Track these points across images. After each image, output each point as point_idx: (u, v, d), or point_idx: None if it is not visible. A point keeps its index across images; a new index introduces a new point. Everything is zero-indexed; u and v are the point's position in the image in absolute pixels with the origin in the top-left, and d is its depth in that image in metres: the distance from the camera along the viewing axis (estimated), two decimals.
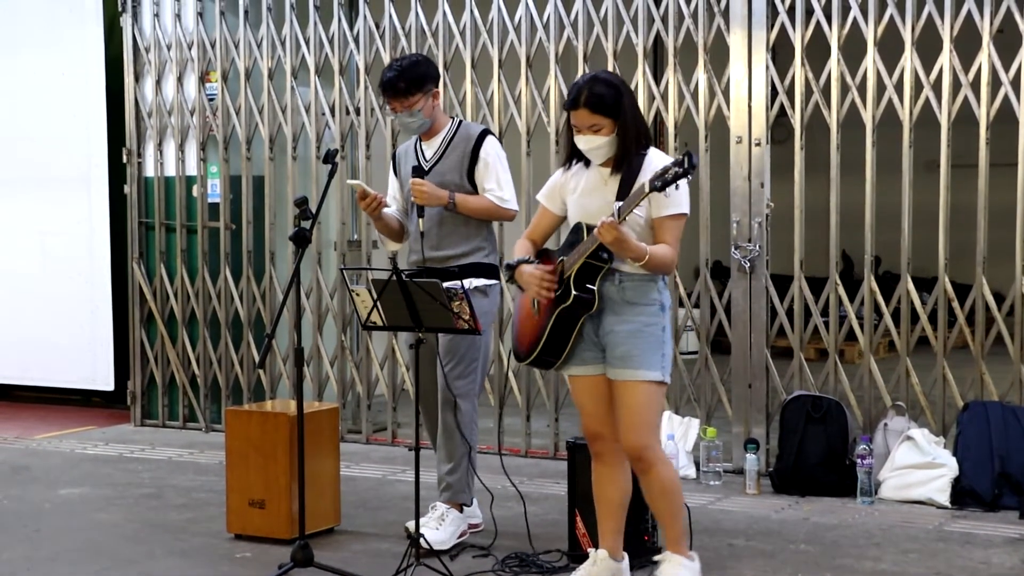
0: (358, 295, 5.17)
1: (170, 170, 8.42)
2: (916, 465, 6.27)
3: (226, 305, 8.24)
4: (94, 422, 8.74)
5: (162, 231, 8.46)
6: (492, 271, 5.66)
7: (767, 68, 6.75)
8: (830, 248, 6.78)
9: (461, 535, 5.58)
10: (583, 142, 4.64)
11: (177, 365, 8.41)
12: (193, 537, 5.82)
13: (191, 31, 8.27)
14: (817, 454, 6.44)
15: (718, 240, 7.08)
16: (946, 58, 6.43)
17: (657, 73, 7.74)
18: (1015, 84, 6.33)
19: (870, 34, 6.58)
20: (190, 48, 8.27)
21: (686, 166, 4.32)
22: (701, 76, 6.91)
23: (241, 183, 8.17)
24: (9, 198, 9.01)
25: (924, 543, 5.58)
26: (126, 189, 8.52)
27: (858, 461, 6.26)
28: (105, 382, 8.77)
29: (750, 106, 6.77)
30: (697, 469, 6.73)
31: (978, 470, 6.16)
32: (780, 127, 6.97)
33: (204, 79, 8.27)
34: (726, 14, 6.82)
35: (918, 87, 6.50)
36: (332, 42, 7.85)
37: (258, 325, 8.17)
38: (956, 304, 6.47)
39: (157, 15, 8.36)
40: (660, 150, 4.75)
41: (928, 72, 6.47)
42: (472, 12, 7.43)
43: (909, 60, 6.50)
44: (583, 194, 4.72)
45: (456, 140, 5.61)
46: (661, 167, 4.39)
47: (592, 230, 4.51)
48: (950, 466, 6.22)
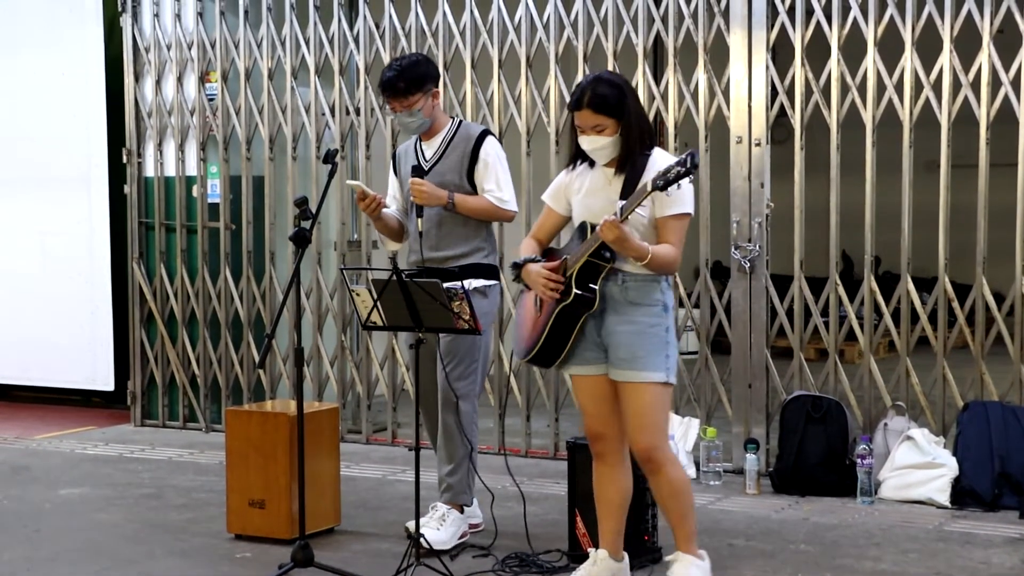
0: (358, 295, 5.16)
1: (170, 170, 8.41)
2: (916, 465, 6.27)
3: (226, 305, 8.23)
4: (94, 422, 8.74)
5: (162, 231, 8.46)
6: (492, 272, 5.64)
7: (767, 68, 6.75)
8: (830, 248, 6.78)
9: (462, 536, 5.58)
10: (587, 143, 4.64)
11: (177, 365, 8.41)
12: (193, 537, 5.82)
13: (191, 31, 8.27)
14: (817, 454, 6.44)
15: (718, 240, 7.09)
16: (946, 58, 6.43)
17: (657, 73, 7.74)
18: (1015, 84, 6.32)
19: (870, 34, 6.57)
20: (190, 48, 8.27)
21: (688, 166, 4.33)
22: (701, 76, 6.91)
23: (241, 183, 8.17)
24: (9, 198, 9.01)
25: (924, 543, 5.58)
26: (126, 189, 8.51)
27: (858, 461, 6.26)
28: (105, 382, 8.76)
29: (750, 106, 6.77)
30: (697, 469, 6.72)
31: (978, 470, 6.16)
32: (780, 127, 6.97)
33: (204, 79, 8.27)
34: (726, 14, 6.82)
35: (918, 87, 6.50)
36: (332, 42, 7.85)
37: (258, 325, 8.16)
38: (956, 304, 6.47)
39: (157, 15, 8.36)
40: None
41: (928, 72, 6.47)
42: (472, 12, 7.42)
43: (909, 60, 6.50)
44: (587, 194, 4.72)
45: (456, 140, 5.60)
46: (664, 167, 4.40)
47: (596, 229, 4.52)
48: (950, 466, 6.22)
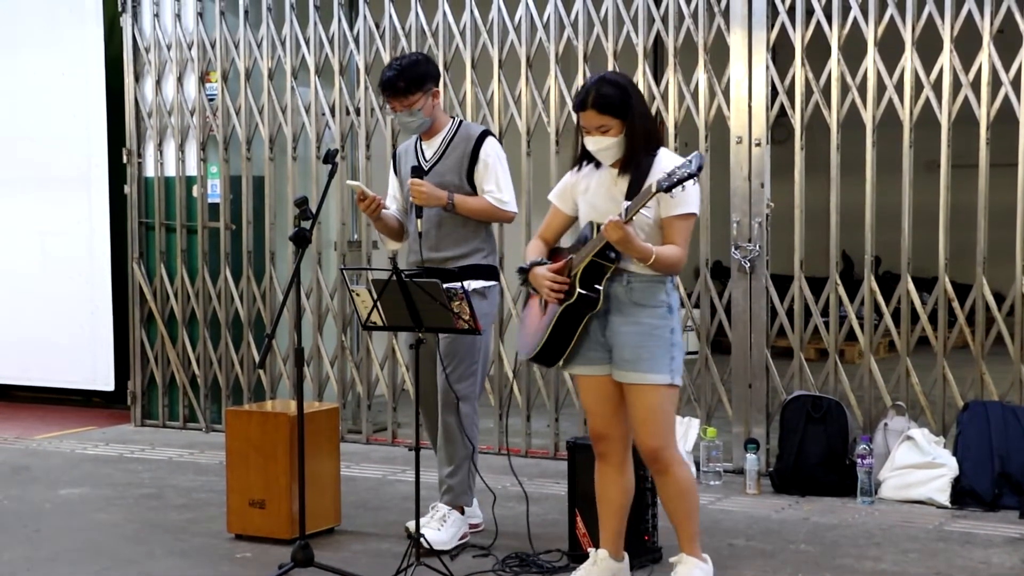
0: (358, 295, 5.16)
1: (170, 170, 8.41)
2: (916, 465, 6.27)
3: (226, 305, 8.23)
4: (94, 422, 8.74)
5: (162, 231, 8.46)
6: (491, 273, 5.62)
7: (767, 68, 6.75)
8: (830, 248, 6.78)
9: (463, 537, 5.57)
10: (591, 143, 4.64)
11: (177, 365, 8.41)
12: (193, 537, 5.82)
13: (191, 31, 8.27)
14: (817, 454, 6.44)
15: (718, 240, 7.09)
16: (946, 58, 6.43)
17: (657, 73, 7.75)
18: (1015, 84, 6.32)
19: (870, 34, 6.57)
20: (190, 48, 8.27)
21: (693, 168, 4.34)
22: (701, 76, 6.91)
23: (241, 183, 8.17)
24: (9, 198, 9.01)
25: (924, 543, 5.58)
26: (126, 189, 8.51)
27: (858, 461, 6.26)
28: (105, 382, 8.76)
29: (750, 106, 6.77)
30: (697, 469, 6.71)
31: (978, 470, 6.16)
32: (780, 127, 6.97)
33: (204, 79, 8.27)
34: (726, 14, 6.81)
35: (918, 87, 6.50)
36: (332, 42, 7.85)
37: (258, 325, 8.16)
38: (956, 304, 6.46)
39: (157, 15, 8.36)
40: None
41: (928, 72, 6.47)
42: (472, 12, 7.42)
43: (909, 60, 6.50)
44: (593, 194, 4.72)
45: (456, 140, 5.59)
46: (669, 168, 4.41)
47: (600, 229, 4.52)
48: (950, 466, 6.21)
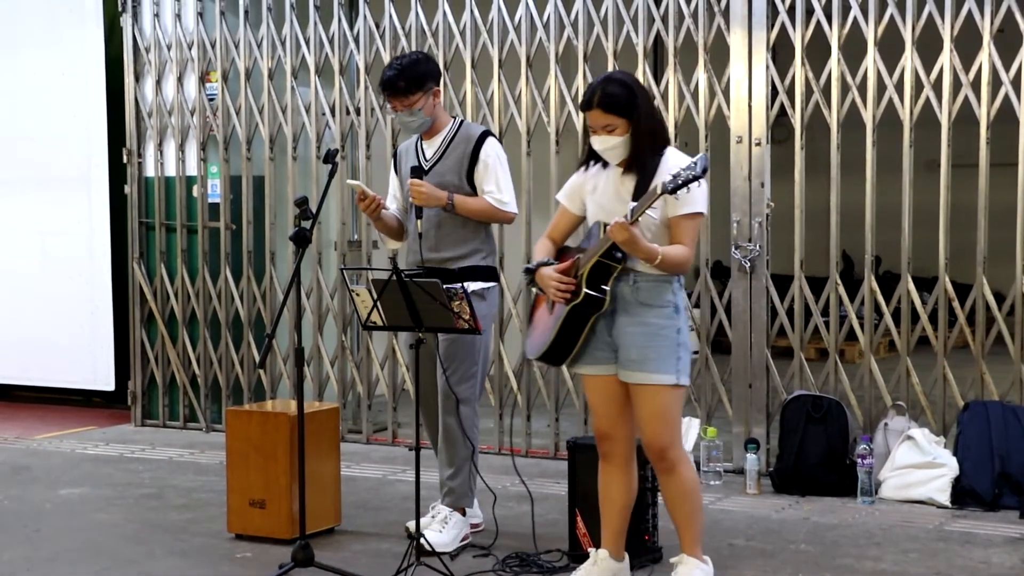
0: (358, 295, 5.16)
1: (170, 170, 8.41)
2: (916, 465, 6.27)
3: (226, 305, 8.23)
4: (94, 422, 8.74)
5: (162, 231, 8.46)
6: (490, 274, 5.60)
7: (767, 68, 6.75)
8: (830, 248, 6.78)
9: (464, 538, 5.56)
10: (598, 142, 4.64)
11: (177, 365, 8.41)
12: (193, 537, 5.82)
13: (191, 31, 8.27)
14: (817, 454, 6.44)
15: (718, 240, 7.09)
16: (946, 58, 6.43)
17: (657, 73, 7.74)
18: (1015, 84, 6.32)
19: (870, 34, 6.57)
20: (190, 48, 8.27)
21: (698, 170, 4.34)
22: (701, 76, 6.91)
23: (241, 183, 8.17)
24: (9, 198, 9.00)
25: (924, 543, 5.58)
26: (126, 189, 8.51)
27: (858, 461, 6.25)
28: (105, 382, 8.76)
29: (750, 106, 6.77)
30: (698, 469, 6.70)
31: (978, 470, 6.16)
32: (780, 127, 6.97)
33: (204, 79, 8.27)
34: (726, 14, 6.81)
35: (918, 87, 6.50)
36: (332, 42, 7.85)
37: (258, 325, 8.16)
38: (956, 304, 6.46)
39: (157, 15, 8.36)
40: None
41: (928, 72, 6.47)
42: (472, 12, 7.42)
43: (909, 60, 6.50)
44: (601, 194, 4.71)
45: (456, 140, 5.57)
46: (674, 170, 4.40)
47: (607, 229, 4.52)
48: (950, 466, 6.21)
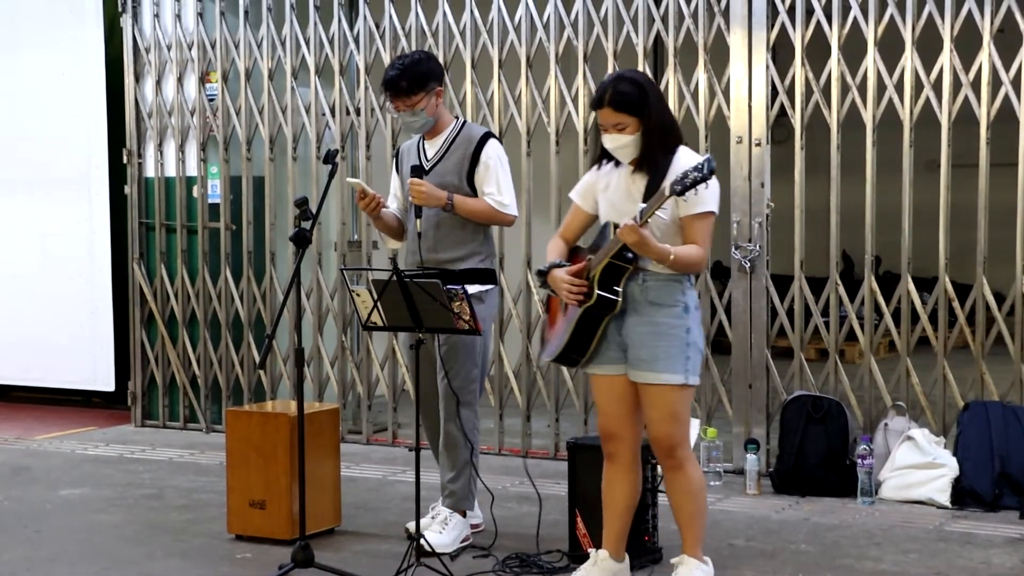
0: (358, 295, 5.16)
1: (170, 170, 8.41)
2: (916, 465, 6.27)
3: (226, 306, 8.23)
4: (94, 423, 8.74)
5: (162, 232, 8.46)
6: (489, 276, 5.58)
7: (767, 68, 6.75)
8: (830, 248, 6.78)
9: (464, 540, 5.55)
10: (609, 141, 4.63)
11: (178, 366, 8.41)
12: (193, 538, 5.82)
13: (191, 31, 8.26)
14: (817, 454, 6.43)
15: (718, 240, 6.96)
16: (946, 58, 6.43)
17: (657, 73, 7.76)
18: (1015, 84, 6.32)
19: (870, 34, 6.57)
20: (190, 48, 8.27)
21: (705, 171, 4.34)
22: (701, 76, 6.91)
23: (241, 183, 8.16)
24: (9, 198, 9.00)
25: (924, 543, 5.58)
26: (126, 189, 8.51)
27: (858, 461, 6.25)
28: (105, 383, 8.76)
29: (750, 106, 6.77)
30: None
31: (978, 470, 6.16)
32: (780, 127, 6.97)
33: (204, 79, 8.26)
34: (726, 14, 6.81)
35: (918, 87, 6.50)
36: (332, 42, 7.85)
37: (259, 326, 8.16)
38: (956, 304, 6.46)
39: (157, 15, 8.36)
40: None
41: (928, 72, 6.47)
42: (472, 12, 7.42)
43: (909, 60, 6.50)
44: (613, 192, 4.71)
45: (458, 141, 5.56)
46: (682, 171, 4.39)
47: (617, 230, 4.52)
48: (950, 466, 6.21)
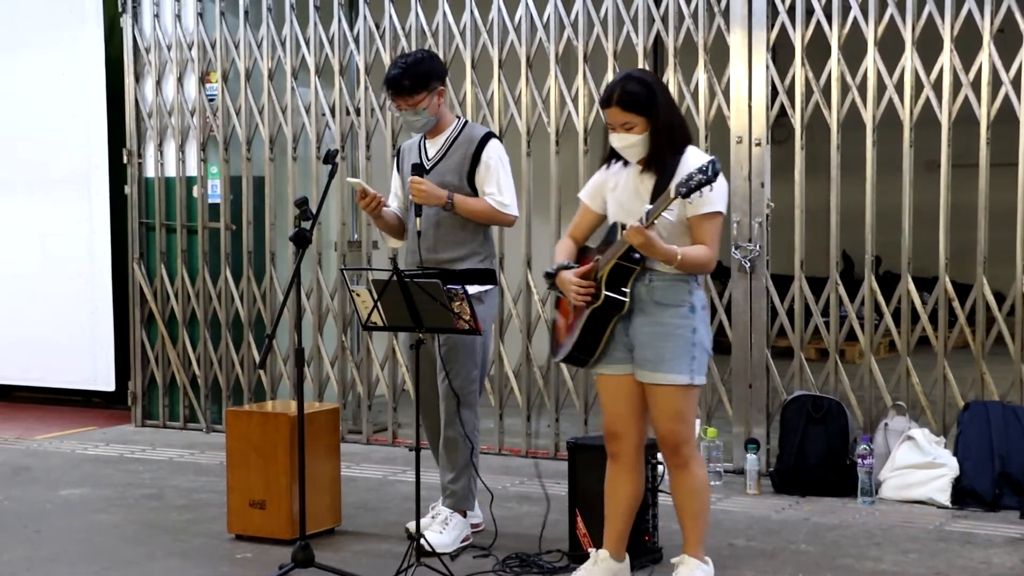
0: (358, 295, 5.16)
1: (170, 171, 8.41)
2: (917, 465, 6.27)
3: (226, 306, 8.23)
4: (95, 423, 8.74)
5: (162, 232, 8.46)
6: (488, 277, 5.57)
7: (767, 68, 6.75)
8: (830, 248, 6.78)
9: (465, 540, 5.55)
10: (616, 140, 4.64)
11: (178, 366, 8.41)
12: (193, 538, 5.82)
13: (191, 31, 8.27)
14: (817, 454, 6.43)
15: None
16: (946, 58, 6.43)
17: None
18: (1016, 84, 6.32)
19: (870, 34, 6.57)
20: (190, 48, 8.27)
21: (709, 173, 4.33)
22: (701, 76, 6.91)
23: (241, 184, 8.16)
24: (9, 198, 9.01)
25: (925, 543, 5.58)
26: (126, 190, 8.51)
27: (859, 461, 6.25)
28: (106, 383, 8.76)
29: (750, 106, 6.77)
30: None
31: (979, 470, 6.16)
32: (780, 127, 6.97)
33: (204, 79, 8.26)
34: (726, 14, 6.81)
35: (918, 87, 6.50)
36: (332, 42, 7.85)
37: (259, 326, 8.16)
38: (957, 304, 6.46)
39: (157, 15, 8.36)
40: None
41: (928, 72, 6.47)
42: (472, 12, 7.42)
43: (909, 60, 6.50)
44: (621, 192, 4.71)
45: (459, 141, 5.55)
46: (687, 174, 4.39)
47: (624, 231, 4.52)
48: (951, 466, 6.21)
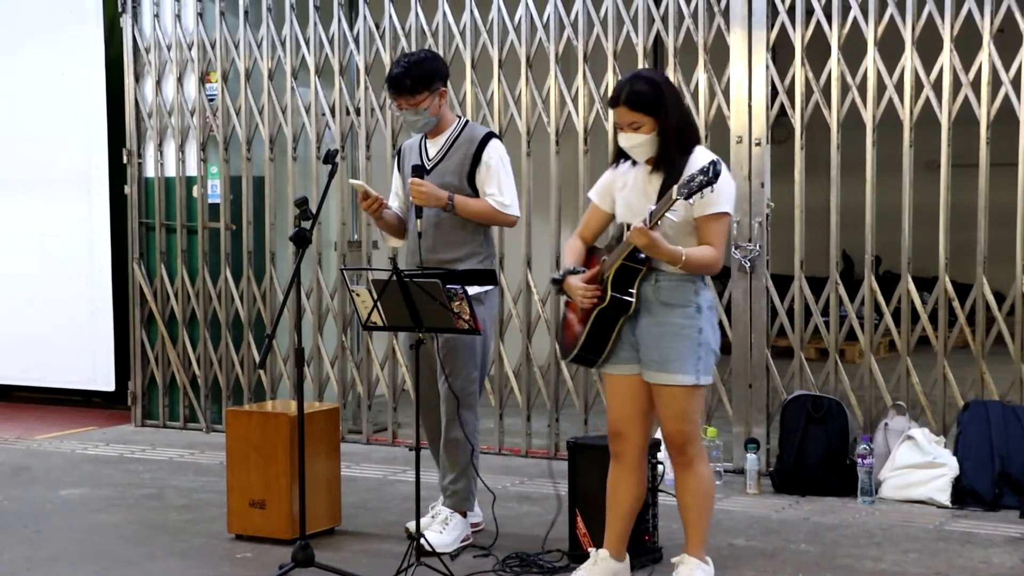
0: (358, 295, 5.16)
1: (170, 171, 8.41)
2: (917, 465, 6.27)
3: (226, 306, 8.23)
4: (95, 423, 8.74)
5: (162, 232, 8.46)
6: (488, 277, 5.57)
7: (767, 68, 6.75)
8: (830, 248, 6.78)
9: (465, 539, 5.55)
10: (624, 139, 4.64)
11: (178, 365, 8.41)
12: (193, 538, 5.82)
13: (191, 31, 8.27)
14: (817, 454, 6.44)
15: None
16: (946, 58, 6.43)
17: None
18: (1015, 84, 6.32)
19: (870, 34, 6.57)
20: (190, 48, 8.27)
21: (710, 175, 4.33)
22: (701, 76, 6.91)
23: (241, 184, 8.16)
24: (9, 198, 9.00)
25: (924, 543, 5.58)
26: (126, 190, 8.51)
27: (859, 461, 6.25)
28: (106, 382, 8.76)
29: (750, 106, 6.77)
30: None
31: (978, 470, 6.16)
32: (780, 127, 6.97)
33: (204, 79, 8.26)
34: (726, 14, 6.81)
35: (918, 87, 6.50)
36: (332, 42, 7.85)
37: (259, 326, 8.16)
38: (956, 304, 6.46)
39: (157, 15, 8.36)
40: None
41: (928, 72, 6.47)
42: (472, 12, 7.42)
43: (909, 60, 6.50)
44: (629, 191, 4.71)
45: (460, 141, 5.54)
46: (688, 175, 4.39)
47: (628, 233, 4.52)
48: (951, 466, 6.21)
